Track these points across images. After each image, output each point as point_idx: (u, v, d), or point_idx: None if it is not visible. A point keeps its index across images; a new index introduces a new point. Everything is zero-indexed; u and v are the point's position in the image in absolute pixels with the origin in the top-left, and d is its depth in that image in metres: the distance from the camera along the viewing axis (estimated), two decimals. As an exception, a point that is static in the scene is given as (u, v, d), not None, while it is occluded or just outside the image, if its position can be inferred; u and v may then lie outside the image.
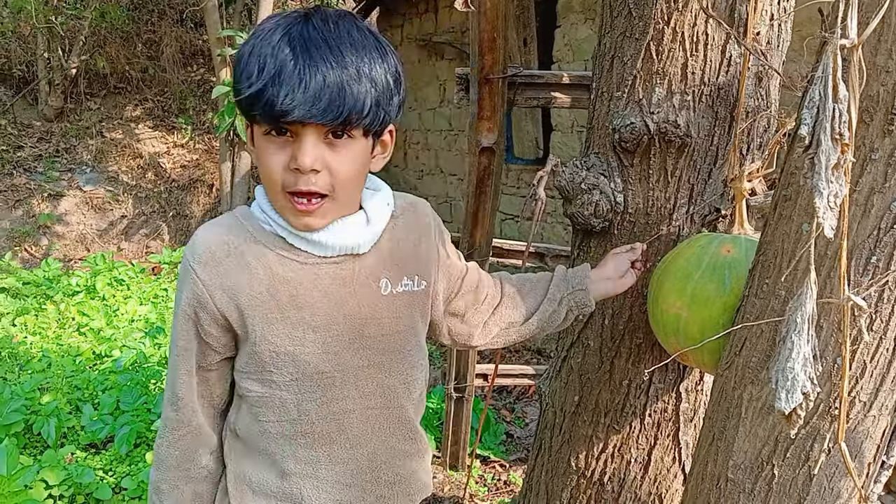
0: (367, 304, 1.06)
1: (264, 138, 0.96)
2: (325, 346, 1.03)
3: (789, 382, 0.84)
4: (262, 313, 1.00)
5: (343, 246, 1.02)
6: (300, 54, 0.90)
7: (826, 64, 0.76)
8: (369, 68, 0.93)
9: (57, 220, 7.45)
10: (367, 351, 1.06)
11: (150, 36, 8.88)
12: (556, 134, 4.89)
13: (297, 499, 1.07)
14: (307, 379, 1.03)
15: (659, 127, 1.35)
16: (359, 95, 0.92)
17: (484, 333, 1.26)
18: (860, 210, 0.92)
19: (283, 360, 1.02)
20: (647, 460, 1.56)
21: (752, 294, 1.07)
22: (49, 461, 2.60)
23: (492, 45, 1.80)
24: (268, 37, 0.92)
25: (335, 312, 1.03)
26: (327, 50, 0.91)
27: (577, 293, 1.28)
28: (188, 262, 1.00)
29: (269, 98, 0.89)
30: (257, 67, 0.90)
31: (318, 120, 0.91)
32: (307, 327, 1.02)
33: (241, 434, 1.09)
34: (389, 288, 1.08)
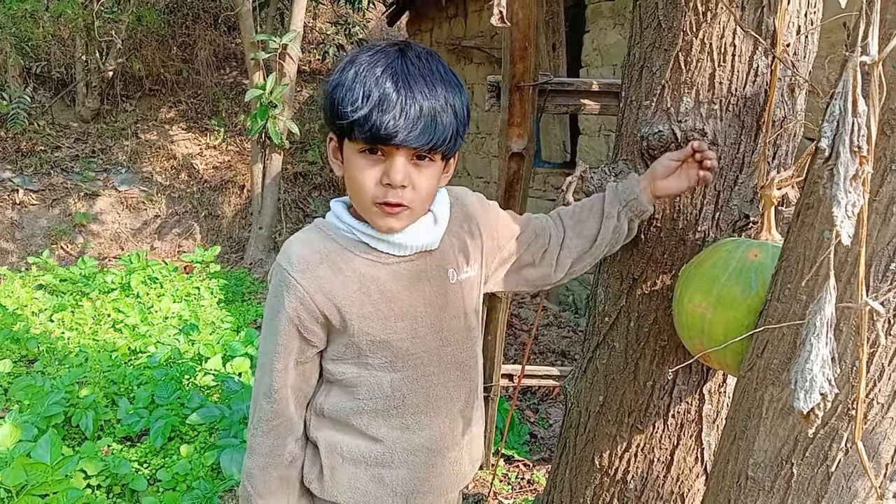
0: (440, 292, 1.22)
1: (358, 155, 1.10)
2: (413, 332, 1.19)
3: (808, 383, 0.88)
4: (358, 308, 1.15)
5: (418, 245, 1.18)
6: (402, 86, 1.04)
7: (846, 80, 0.80)
8: (454, 101, 1.09)
9: (92, 218, 7.63)
10: (445, 332, 1.23)
11: (184, 39, 9.06)
12: (584, 138, 4.92)
13: (388, 460, 1.23)
14: (399, 360, 1.20)
15: (686, 135, 1.39)
16: (446, 124, 1.08)
17: (560, 269, 1.37)
18: (880, 219, 0.95)
19: (379, 347, 1.18)
20: (670, 460, 1.60)
21: (775, 298, 1.11)
22: (87, 452, 2.68)
23: (523, 53, 1.85)
24: (371, 69, 1.06)
25: (417, 302, 1.20)
26: (423, 83, 1.06)
27: (631, 203, 1.35)
28: (286, 271, 1.15)
29: (375, 122, 1.03)
30: (363, 94, 1.04)
31: (413, 144, 1.06)
32: (396, 317, 1.18)
33: (328, 414, 1.23)
34: (456, 277, 1.24)
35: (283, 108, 6.52)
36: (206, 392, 3.38)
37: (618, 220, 1.35)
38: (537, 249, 1.36)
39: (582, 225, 1.37)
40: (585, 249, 1.37)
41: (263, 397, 1.20)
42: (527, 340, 2.06)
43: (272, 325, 1.18)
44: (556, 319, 5.04)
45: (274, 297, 1.18)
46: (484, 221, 1.31)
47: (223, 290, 5.80)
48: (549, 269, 1.37)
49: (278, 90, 6.33)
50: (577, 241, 1.37)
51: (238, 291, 5.89)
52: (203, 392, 3.35)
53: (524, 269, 1.37)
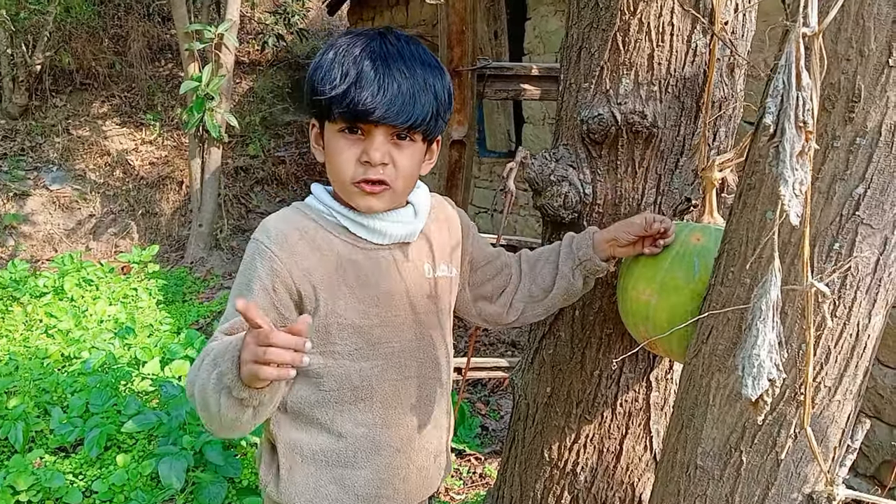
0: (416, 284, 1.20)
1: (338, 135, 1.10)
2: (387, 320, 1.17)
3: (755, 369, 0.85)
4: (332, 289, 1.13)
5: (397, 235, 1.17)
6: (379, 64, 1.05)
7: (789, 52, 0.77)
8: (433, 82, 1.10)
9: (23, 220, 7.30)
10: (420, 326, 1.21)
11: (116, 31, 8.74)
12: (528, 126, 4.90)
13: (351, 460, 1.18)
14: (370, 348, 1.16)
15: (626, 118, 1.36)
16: (425, 104, 1.08)
17: (512, 312, 1.36)
18: (822, 197, 0.93)
19: (349, 332, 1.14)
20: (619, 450, 1.57)
21: (718, 282, 1.08)
22: (17, 466, 2.55)
23: (460, 37, 1.80)
24: (349, 49, 1.07)
25: (393, 291, 1.18)
26: (402, 62, 1.07)
27: (584, 263, 1.32)
28: (263, 243, 1.11)
29: (352, 99, 1.04)
30: (340, 73, 1.05)
31: (391, 121, 1.06)
32: (371, 302, 1.15)
33: (289, 408, 1.18)
34: (432, 272, 1.23)
35: (220, 101, 6.33)
36: (143, 398, 3.25)
37: (572, 278, 1.32)
38: (497, 286, 1.36)
39: (537, 274, 1.36)
40: (539, 299, 1.35)
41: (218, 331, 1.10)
42: (472, 333, 2.02)
43: (246, 288, 1.11)
44: (505, 309, 5.02)
45: (247, 267, 1.12)
46: (463, 231, 1.31)
47: (162, 290, 5.62)
48: (503, 310, 1.36)
49: (215, 81, 6.14)
50: (531, 287, 1.36)
51: (178, 291, 5.71)
52: (140, 398, 3.22)
53: (480, 301, 1.37)
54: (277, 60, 9.74)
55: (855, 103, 0.89)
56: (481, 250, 1.35)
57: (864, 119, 0.89)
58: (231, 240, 7.34)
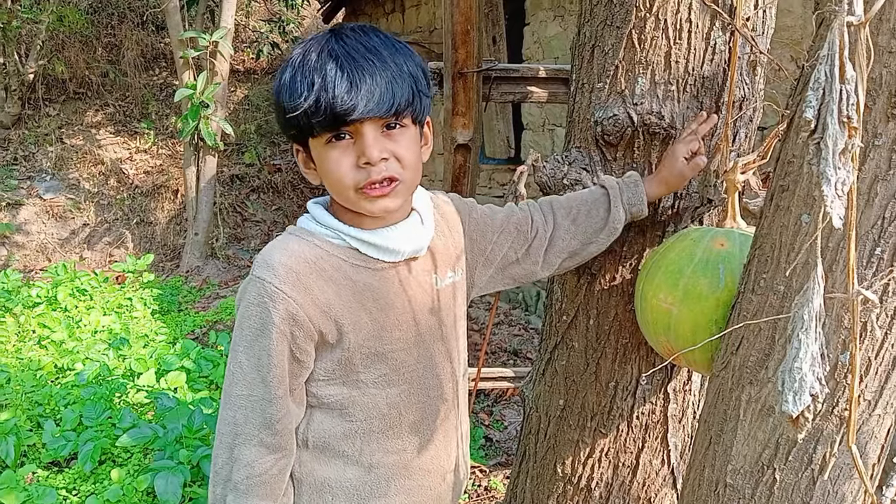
0: (430, 298, 1.15)
1: (326, 147, 1.03)
2: (408, 341, 1.12)
3: (797, 384, 0.79)
4: (354, 320, 1.06)
5: (409, 250, 1.11)
6: (343, 61, 0.99)
7: (832, 42, 0.71)
8: (405, 63, 1.03)
9: (16, 229, 7.22)
10: (439, 342, 1.16)
11: (109, 39, 8.68)
12: (528, 133, 4.86)
13: (384, 490, 1.13)
14: (395, 373, 1.11)
15: (643, 119, 1.30)
16: (403, 86, 1.01)
17: (546, 266, 1.30)
18: (863, 199, 0.87)
19: (374, 360, 1.09)
20: (636, 464, 1.51)
21: (749, 290, 1.02)
22: (7, 482, 2.48)
23: (465, 38, 1.74)
24: (306, 58, 1.00)
25: (410, 310, 1.12)
26: (367, 52, 1.00)
27: (633, 211, 1.29)
28: (272, 284, 1.02)
29: (327, 104, 0.97)
30: (306, 84, 0.99)
31: (375, 113, 0.99)
32: (392, 327, 1.10)
33: (313, 444, 1.12)
34: (440, 282, 1.17)
35: (215, 108, 6.27)
36: (138, 410, 3.18)
37: (618, 230, 1.30)
38: (520, 245, 1.29)
39: (577, 225, 1.29)
40: (576, 251, 1.30)
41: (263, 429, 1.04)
42: (481, 343, 1.96)
43: (258, 346, 1.03)
44: (506, 318, 4.96)
45: (257, 313, 1.03)
46: (462, 220, 1.25)
47: (157, 300, 5.54)
48: (535, 267, 1.30)
49: (210, 89, 6.08)
50: (569, 241, 1.29)
51: (174, 301, 5.63)
52: (135, 410, 3.15)
53: (509, 266, 1.30)
54: (272, 68, 9.69)
55: (898, 99, 0.84)
56: (488, 224, 1.28)
57: (907, 115, 0.84)
58: (227, 248, 7.27)
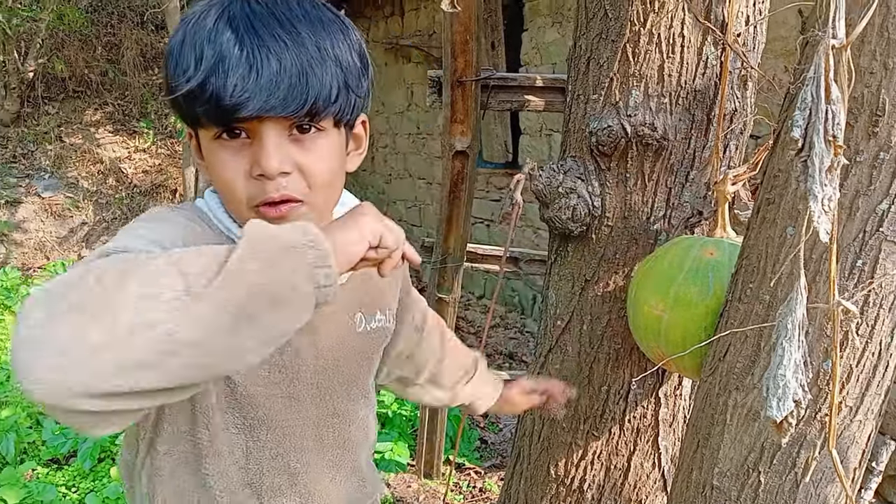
0: (339, 342, 0.93)
1: (214, 143, 0.79)
2: (290, 389, 0.89)
3: (780, 390, 0.82)
4: None
5: None
6: (245, 35, 0.74)
7: (818, 65, 0.75)
8: (331, 45, 0.78)
9: (15, 227, 7.24)
10: (333, 398, 0.94)
11: (109, 38, 8.69)
12: (525, 137, 4.89)
13: None
14: (262, 426, 0.87)
15: (636, 130, 1.34)
16: (323, 78, 0.77)
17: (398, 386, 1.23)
18: (845, 213, 0.91)
19: (238, 402, 0.85)
20: (627, 466, 1.55)
21: (736, 298, 1.06)
22: (8, 479, 2.52)
23: (464, 47, 1.78)
24: (201, 21, 0.76)
25: (305, 351, 0.89)
26: (278, 26, 0.75)
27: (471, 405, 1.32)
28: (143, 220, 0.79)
29: (213, 91, 0.73)
30: (194, 57, 0.74)
31: (279, 112, 0.75)
32: (273, 366, 0.86)
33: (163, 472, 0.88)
34: (364, 324, 0.96)
35: (215, 110, 6.30)
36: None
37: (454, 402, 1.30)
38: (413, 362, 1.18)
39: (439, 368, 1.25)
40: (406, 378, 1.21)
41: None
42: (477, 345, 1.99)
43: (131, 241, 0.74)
44: (502, 321, 4.99)
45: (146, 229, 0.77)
46: (402, 272, 1.07)
47: (156, 299, 5.55)
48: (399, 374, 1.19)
49: (210, 91, 6.10)
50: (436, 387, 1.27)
51: (172, 300, 5.64)
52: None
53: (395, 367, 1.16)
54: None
55: (879, 117, 0.87)
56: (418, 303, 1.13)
57: (888, 133, 0.87)
58: (225, 249, 7.29)
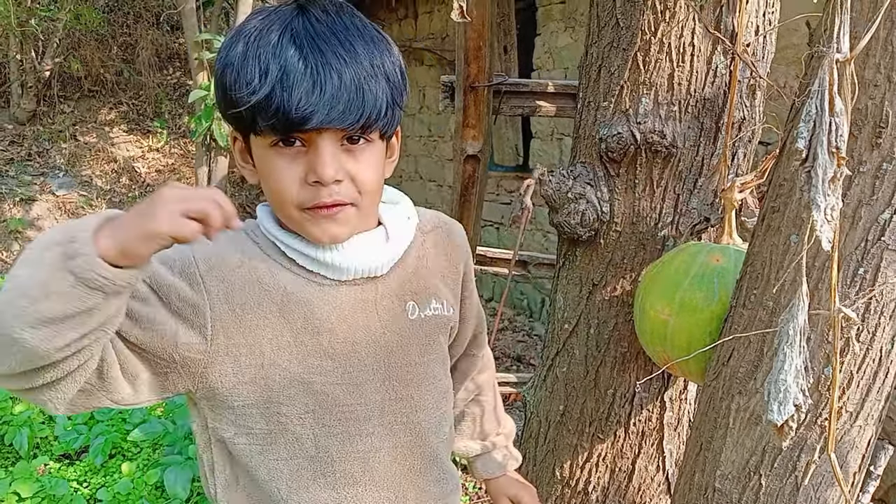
0: (392, 329, 0.95)
1: (270, 151, 0.84)
2: (346, 377, 0.92)
3: (781, 394, 0.84)
4: (272, 336, 0.88)
5: (359, 269, 0.91)
6: (308, 51, 0.79)
7: (822, 78, 0.77)
8: (381, 62, 0.84)
9: (29, 225, 7.31)
10: (394, 382, 0.96)
11: (125, 38, 8.78)
12: (536, 141, 4.91)
13: None
14: (326, 412, 0.91)
15: (645, 137, 1.36)
16: (377, 93, 0.83)
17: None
18: (848, 222, 0.93)
19: (297, 390, 0.90)
20: (632, 469, 1.57)
21: (740, 304, 1.08)
22: (21, 473, 2.54)
23: (477, 53, 1.80)
24: (264, 36, 0.81)
25: (356, 339, 0.92)
26: (338, 44, 0.81)
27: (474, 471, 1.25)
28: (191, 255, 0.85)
29: (279, 104, 0.78)
30: (258, 71, 0.79)
31: (338, 125, 0.80)
32: (324, 354, 0.91)
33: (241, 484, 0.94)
34: (417, 312, 0.98)
35: (229, 110, 6.34)
36: (148, 406, 3.24)
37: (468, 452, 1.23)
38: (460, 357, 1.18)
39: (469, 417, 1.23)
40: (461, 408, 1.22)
41: None
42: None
43: None
44: (510, 324, 5.01)
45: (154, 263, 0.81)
46: (463, 258, 1.07)
47: (168, 297, 5.60)
48: None
49: (224, 91, 6.15)
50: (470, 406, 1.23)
51: (183, 299, 5.69)
52: (145, 406, 3.20)
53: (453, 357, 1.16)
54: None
55: (882, 129, 0.89)
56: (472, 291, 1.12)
57: (891, 145, 0.89)
58: (236, 248, 7.34)
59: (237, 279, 0.87)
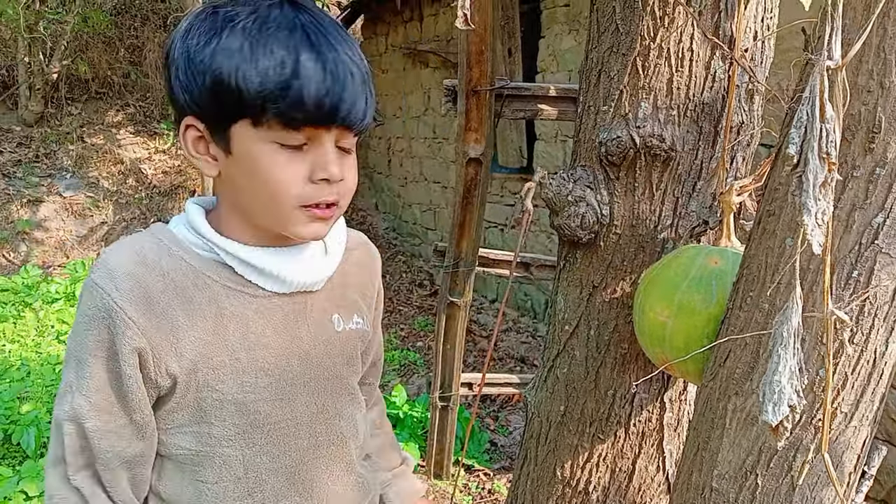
0: (321, 341, 0.95)
1: (269, 147, 0.80)
2: (279, 392, 0.91)
3: (776, 395, 0.86)
4: (208, 357, 0.85)
5: (301, 282, 0.91)
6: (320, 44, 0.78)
7: (813, 85, 0.78)
8: (361, 61, 0.84)
9: (36, 226, 7.37)
10: (321, 394, 0.96)
11: (132, 41, 8.84)
12: (540, 143, 4.93)
13: None
14: (256, 430, 0.90)
15: (645, 141, 1.37)
16: (369, 94, 0.84)
17: None
18: (842, 226, 0.94)
19: (229, 411, 0.87)
20: (632, 469, 1.58)
21: (737, 306, 1.09)
22: (29, 472, 2.58)
23: (479, 57, 1.82)
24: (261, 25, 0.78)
25: (289, 352, 0.91)
26: (338, 38, 0.81)
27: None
28: (112, 299, 0.80)
29: (302, 95, 0.77)
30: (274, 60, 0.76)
31: (350, 122, 0.81)
32: (259, 370, 0.89)
33: (165, 497, 0.92)
34: (342, 325, 0.99)
35: (235, 112, 6.37)
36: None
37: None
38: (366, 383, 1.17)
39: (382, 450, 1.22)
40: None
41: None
42: (487, 348, 2.02)
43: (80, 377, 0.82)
44: (514, 325, 5.02)
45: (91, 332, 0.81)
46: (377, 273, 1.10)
47: (174, 298, 5.63)
48: None
49: (230, 94, 6.18)
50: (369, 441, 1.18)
51: (189, 300, 5.72)
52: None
53: None
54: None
55: (875, 134, 0.91)
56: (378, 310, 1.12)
57: (884, 150, 0.91)
58: (241, 250, 7.37)
59: (167, 304, 0.83)
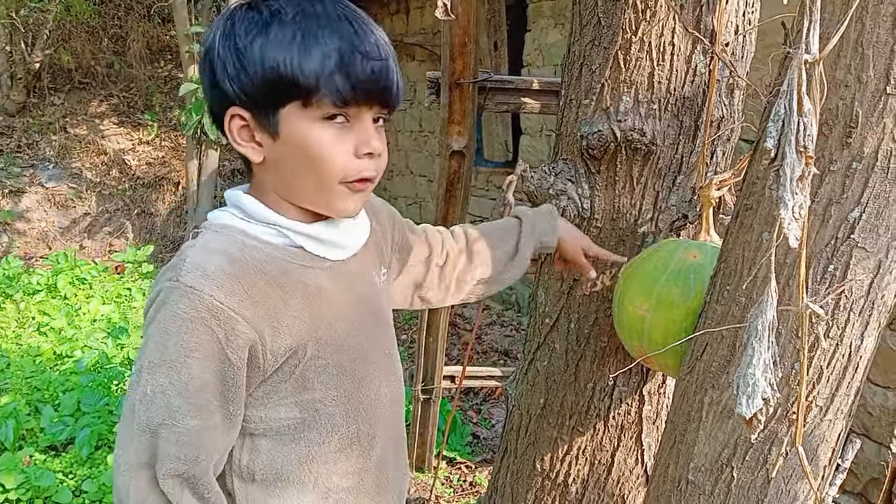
0: (375, 297, 1.04)
1: (320, 124, 0.86)
2: (361, 347, 0.99)
3: (750, 388, 0.86)
4: (310, 332, 0.91)
5: (356, 245, 0.99)
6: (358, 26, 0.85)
7: (791, 79, 0.78)
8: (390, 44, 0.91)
9: (18, 216, 7.28)
10: (385, 340, 1.06)
11: (116, 31, 8.73)
12: (525, 137, 4.93)
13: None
14: (352, 385, 0.97)
15: (625, 135, 1.37)
16: (400, 71, 0.91)
17: (457, 293, 1.27)
18: (818, 220, 0.94)
19: (331, 373, 0.94)
20: (611, 462, 1.59)
21: (714, 300, 1.10)
22: (6, 464, 2.55)
23: (463, 50, 1.82)
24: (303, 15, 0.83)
25: (362, 310, 1.00)
26: (367, 19, 0.88)
27: (543, 247, 1.31)
28: (214, 298, 0.82)
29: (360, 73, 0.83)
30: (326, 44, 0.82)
31: (391, 98, 0.89)
32: (349, 333, 0.97)
33: (260, 477, 0.94)
34: (379, 279, 1.07)
35: (219, 104, 6.32)
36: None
37: (528, 262, 1.28)
38: (431, 267, 1.23)
39: (490, 253, 1.27)
40: (487, 279, 1.27)
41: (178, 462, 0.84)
42: (469, 342, 2.02)
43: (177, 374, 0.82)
44: (498, 318, 5.03)
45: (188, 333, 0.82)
46: (388, 219, 1.15)
47: (157, 290, 5.60)
48: (446, 293, 1.25)
49: (215, 85, 6.12)
50: (480, 269, 1.26)
51: (173, 292, 5.69)
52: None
53: (422, 287, 1.23)
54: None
55: (852, 129, 0.91)
56: (410, 231, 1.21)
57: (860, 144, 0.91)
58: (226, 242, 7.32)
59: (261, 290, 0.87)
